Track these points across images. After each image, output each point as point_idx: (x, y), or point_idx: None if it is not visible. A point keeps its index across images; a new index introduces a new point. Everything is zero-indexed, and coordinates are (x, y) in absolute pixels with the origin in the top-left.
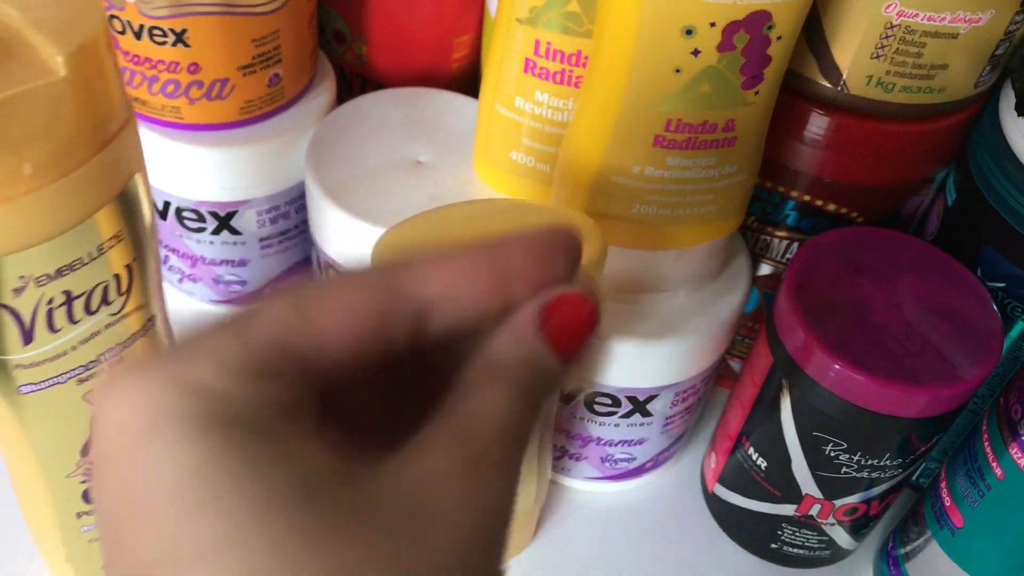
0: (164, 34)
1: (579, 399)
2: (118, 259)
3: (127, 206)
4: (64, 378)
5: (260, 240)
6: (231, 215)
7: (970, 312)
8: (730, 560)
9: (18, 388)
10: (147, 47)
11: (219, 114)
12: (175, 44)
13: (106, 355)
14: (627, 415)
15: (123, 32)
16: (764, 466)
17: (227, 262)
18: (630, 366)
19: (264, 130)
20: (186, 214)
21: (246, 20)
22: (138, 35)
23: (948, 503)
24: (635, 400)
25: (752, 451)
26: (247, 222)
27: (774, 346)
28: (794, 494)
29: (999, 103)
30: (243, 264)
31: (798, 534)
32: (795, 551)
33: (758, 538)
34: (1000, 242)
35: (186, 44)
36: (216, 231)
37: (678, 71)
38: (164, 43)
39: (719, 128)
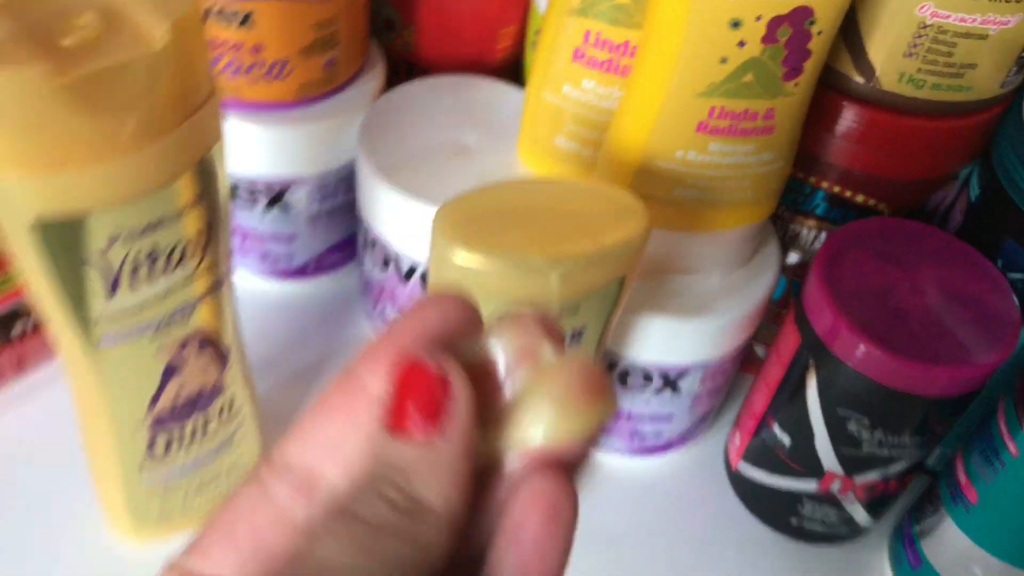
0: (231, 16)
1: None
2: (194, 223)
3: (206, 173)
4: (138, 333)
5: (309, 217)
6: (283, 192)
7: (990, 301)
8: (751, 535)
9: (97, 342)
10: (213, 27)
11: (277, 94)
12: (240, 25)
13: (176, 314)
14: (658, 391)
15: None
16: (788, 443)
17: (276, 237)
18: (663, 342)
19: (318, 111)
20: (240, 190)
21: (309, 5)
22: (205, 15)
23: (963, 481)
24: (666, 377)
25: (777, 428)
26: (298, 199)
27: (802, 327)
28: (816, 469)
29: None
30: (291, 240)
31: (818, 509)
32: (814, 527)
33: (779, 513)
34: (1020, 235)
35: (251, 26)
36: (268, 207)
37: (724, 61)
38: (230, 24)
39: (760, 117)
